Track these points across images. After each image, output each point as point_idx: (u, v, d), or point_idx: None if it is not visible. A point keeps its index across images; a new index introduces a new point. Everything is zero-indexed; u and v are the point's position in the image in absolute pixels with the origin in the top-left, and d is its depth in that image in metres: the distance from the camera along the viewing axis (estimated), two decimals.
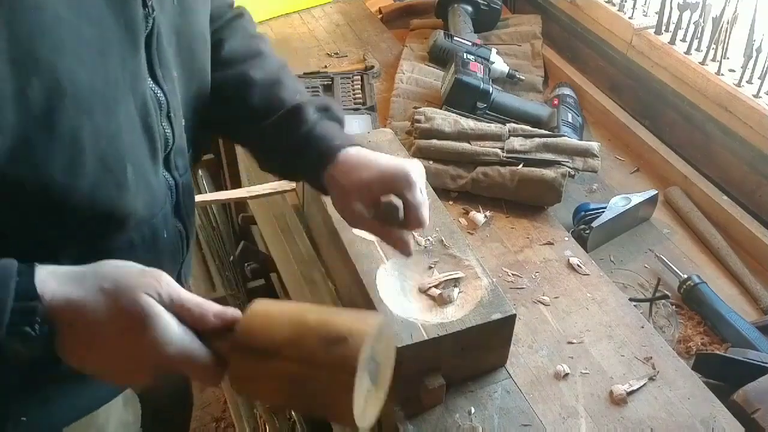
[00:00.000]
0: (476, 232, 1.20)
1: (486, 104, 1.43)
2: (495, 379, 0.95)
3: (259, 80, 0.93)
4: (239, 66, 0.94)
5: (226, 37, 0.96)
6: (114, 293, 0.61)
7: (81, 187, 0.67)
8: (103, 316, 0.61)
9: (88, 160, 0.67)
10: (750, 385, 0.93)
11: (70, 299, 0.60)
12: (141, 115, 0.73)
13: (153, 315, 0.61)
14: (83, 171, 0.67)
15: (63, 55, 0.62)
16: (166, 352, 0.62)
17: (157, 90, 0.77)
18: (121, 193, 0.72)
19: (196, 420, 2.10)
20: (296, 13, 1.90)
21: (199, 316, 0.64)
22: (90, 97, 0.65)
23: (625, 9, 1.52)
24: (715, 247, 1.23)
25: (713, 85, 1.30)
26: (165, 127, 0.80)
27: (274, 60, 0.98)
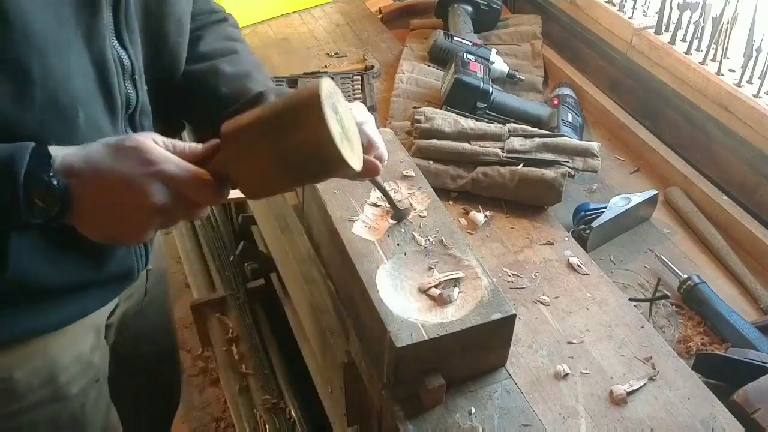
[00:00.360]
0: (476, 232, 1.20)
1: (486, 104, 1.43)
2: (495, 379, 0.95)
3: (230, 73, 0.97)
4: (212, 60, 0.99)
5: (204, 35, 1.01)
6: (118, 143, 0.70)
7: (30, 119, 0.73)
8: (108, 157, 0.69)
9: (37, 94, 0.72)
10: (750, 385, 0.93)
11: (80, 154, 0.69)
12: (98, 69, 0.79)
13: (150, 144, 0.70)
14: (32, 104, 0.72)
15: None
16: (165, 168, 0.69)
17: (122, 52, 0.82)
18: (72, 135, 0.77)
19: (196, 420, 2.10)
20: (296, 13, 1.90)
21: (190, 151, 0.73)
22: (40, 36, 0.70)
23: (625, 9, 1.52)
24: (715, 247, 1.23)
25: (713, 85, 1.30)
26: (128, 87, 0.85)
27: (248, 59, 1.02)
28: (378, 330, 0.90)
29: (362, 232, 1.02)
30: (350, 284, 1.01)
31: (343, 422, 1.23)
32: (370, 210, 1.06)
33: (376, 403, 1.01)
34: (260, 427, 1.76)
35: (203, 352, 2.25)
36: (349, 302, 1.05)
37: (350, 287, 1.02)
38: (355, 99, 1.54)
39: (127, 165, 0.68)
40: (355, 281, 0.98)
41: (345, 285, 1.06)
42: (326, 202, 1.07)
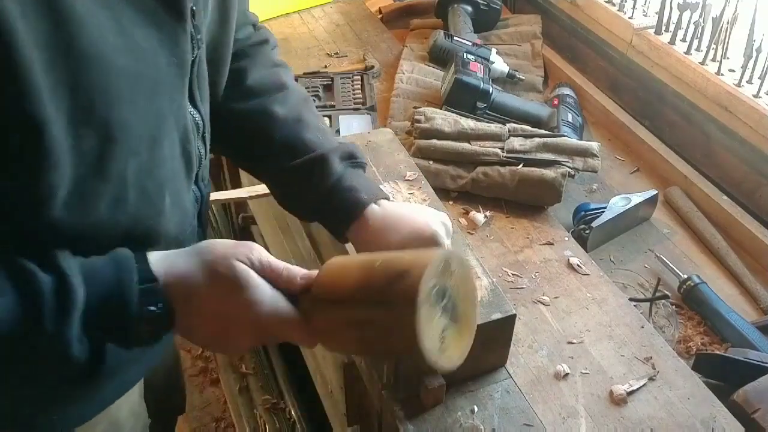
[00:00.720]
0: (476, 232, 1.20)
1: (486, 104, 1.43)
2: (495, 379, 0.95)
3: (282, 116, 0.92)
4: (262, 99, 0.93)
5: (249, 66, 0.95)
6: (212, 262, 0.68)
7: (122, 220, 0.70)
8: (205, 285, 0.67)
9: (131, 195, 0.69)
10: (750, 385, 0.93)
11: (178, 275, 0.67)
12: (182, 142, 0.75)
13: (246, 278, 0.67)
14: (126, 206, 0.69)
15: (119, 105, 0.62)
16: (259, 311, 0.67)
17: (195, 113, 0.77)
18: (158, 219, 0.75)
19: (196, 420, 2.10)
20: (296, 13, 1.90)
21: (287, 279, 0.70)
22: (138, 139, 0.67)
23: (625, 9, 1.52)
24: (715, 247, 1.23)
25: (713, 85, 1.30)
26: (200, 147, 0.81)
27: (297, 93, 0.97)
28: None
29: None
30: None
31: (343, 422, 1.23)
32: None
33: (376, 403, 1.01)
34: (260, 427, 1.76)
35: (203, 352, 2.25)
36: None
37: None
38: (355, 99, 1.54)
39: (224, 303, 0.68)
40: None
41: None
42: None
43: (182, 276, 0.67)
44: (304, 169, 0.89)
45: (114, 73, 0.60)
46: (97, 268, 0.64)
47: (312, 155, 0.89)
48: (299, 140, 0.91)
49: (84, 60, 0.58)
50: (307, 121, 0.93)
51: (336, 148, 0.91)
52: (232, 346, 0.73)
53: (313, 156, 0.89)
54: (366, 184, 0.90)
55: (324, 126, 0.96)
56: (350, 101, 1.53)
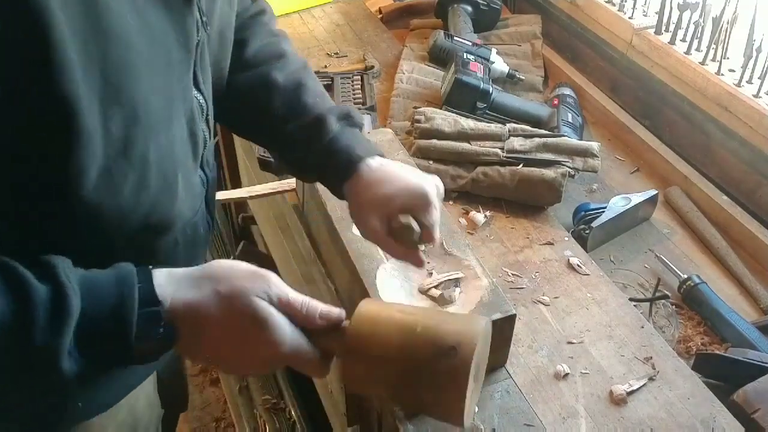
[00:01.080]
0: (476, 232, 1.20)
1: (486, 104, 1.43)
2: (495, 379, 0.95)
3: (282, 83, 0.93)
4: (262, 68, 0.95)
5: (248, 37, 0.96)
6: (229, 296, 0.65)
7: (144, 202, 0.70)
8: (219, 318, 0.65)
9: (152, 176, 0.69)
10: (750, 385, 0.93)
11: (188, 302, 0.64)
12: (188, 124, 0.75)
13: (267, 317, 0.65)
14: (148, 189, 0.69)
15: (139, 83, 0.63)
16: (280, 351, 0.66)
17: (199, 95, 0.78)
18: (173, 201, 0.75)
19: (196, 420, 2.10)
20: (296, 13, 1.90)
21: (305, 316, 0.68)
22: (157, 119, 0.67)
23: (625, 9, 1.52)
24: (715, 247, 1.23)
25: (713, 85, 1.30)
26: (204, 129, 0.81)
27: (296, 60, 0.99)
28: None
29: None
30: (350, 284, 1.01)
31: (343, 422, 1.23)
32: None
33: (376, 403, 1.01)
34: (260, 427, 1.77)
35: None
36: (349, 302, 1.05)
37: (350, 287, 1.02)
38: (355, 99, 1.54)
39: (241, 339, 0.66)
40: (355, 281, 0.98)
41: (345, 285, 1.06)
42: (326, 202, 1.07)
43: (192, 304, 0.65)
44: (303, 130, 0.91)
45: (135, 51, 0.62)
46: (97, 282, 0.63)
47: (310, 117, 0.91)
48: (298, 104, 0.93)
49: (110, 39, 0.59)
50: (307, 85, 0.95)
51: (333, 108, 0.93)
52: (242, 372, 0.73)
53: (311, 117, 0.91)
54: (362, 141, 0.92)
55: (322, 90, 0.97)
56: (350, 101, 1.53)
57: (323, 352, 0.69)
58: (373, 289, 0.93)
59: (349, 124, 0.93)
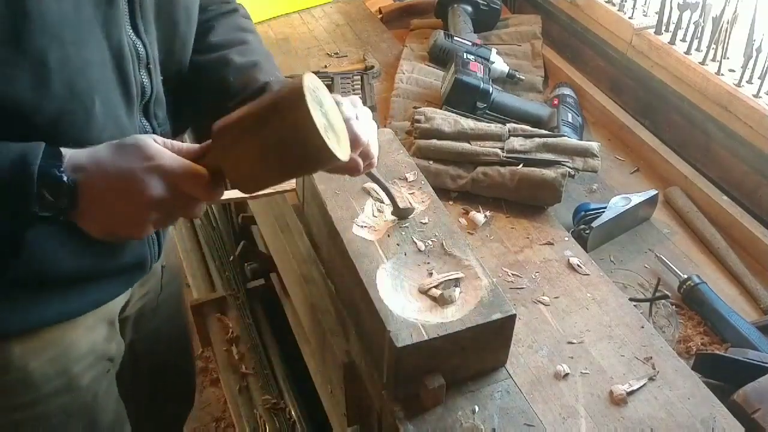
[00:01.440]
0: (476, 232, 1.20)
1: (486, 104, 1.43)
2: (495, 379, 0.95)
3: (239, 63, 0.97)
4: (222, 51, 0.99)
5: (214, 26, 1.01)
6: (121, 143, 0.74)
7: (47, 108, 0.74)
8: (111, 154, 0.72)
9: (55, 83, 0.73)
10: (750, 385, 0.93)
11: (87, 153, 0.72)
12: (115, 58, 0.80)
13: (150, 142, 0.73)
14: (49, 93, 0.73)
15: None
16: (163, 163, 0.72)
17: (137, 41, 0.83)
18: (89, 125, 0.79)
19: (196, 420, 2.10)
20: (296, 13, 1.90)
21: (187, 148, 0.76)
22: (58, 25, 0.71)
23: (625, 9, 1.52)
24: (715, 247, 1.23)
25: (713, 85, 1.30)
26: (143, 76, 0.86)
27: (258, 49, 1.02)
28: (378, 330, 0.90)
29: (362, 232, 1.02)
30: (350, 284, 1.01)
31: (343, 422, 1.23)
32: (371, 210, 1.06)
33: (376, 403, 1.01)
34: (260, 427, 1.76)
35: (203, 352, 2.25)
36: (349, 302, 1.05)
37: (350, 287, 1.02)
38: None
39: (127, 160, 0.72)
40: (355, 281, 0.98)
41: (345, 285, 1.06)
42: (326, 202, 1.07)
43: (89, 152, 0.73)
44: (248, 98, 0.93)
45: None
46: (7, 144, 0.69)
47: (256, 87, 0.95)
48: (252, 79, 0.97)
49: None
50: (263, 66, 0.99)
51: (282, 79, 0.98)
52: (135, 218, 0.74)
53: (258, 86, 0.95)
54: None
55: (280, 74, 1.01)
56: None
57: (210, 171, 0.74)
58: (373, 289, 0.93)
59: None
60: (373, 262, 0.97)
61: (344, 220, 1.04)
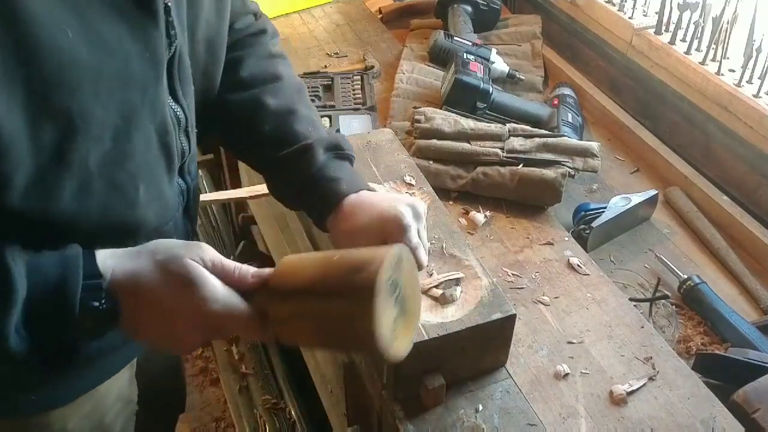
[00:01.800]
0: (476, 232, 1.20)
1: (486, 104, 1.43)
2: (495, 379, 0.95)
3: (274, 108, 0.92)
4: (255, 90, 0.94)
5: (245, 57, 0.95)
6: (164, 261, 0.68)
7: (90, 209, 0.70)
8: (156, 282, 0.67)
9: (97, 184, 0.69)
10: (750, 385, 0.93)
11: (128, 271, 0.68)
12: (159, 135, 0.75)
13: (199, 276, 0.67)
14: (92, 195, 0.70)
15: (79, 95, 0.63)
16: (213, 309, 0.67)
17: (177, 108, 0.78)
18: (132, 210, 0.75)
19: (196, 420, 2.10)
20: (296, 13, 1.90)
21: (239, 277, 0.70)
22: (101, 128, 0.67)
23: (625, 9, 1.52)
24: (715, 247, 1.23)
25: (713, 85, 1.30)
26: (183, 141, 0.81)
27: (291, 84, 0.97)
28: None
29: None
30: None
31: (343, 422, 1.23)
32: None
33: (376, 403, 1.01)
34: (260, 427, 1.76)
35: (203, 352, 2.25)
36: None
37: None
38: (355, 99, 1.54)
39: (173, 295, 0.68)
40: None
41: None
42: None
43: (131, 273, 0.68)
44: (290, 159, 0.91)
45: (73, 65, 0.61)
46: (43, 265, 0.65)
47: (298, 146, 0.90)
48: (288, 131, 0.92)
49: (38, 53, 0.58)
50: (298, 112, 0.94)
51: (322, 138, 0.92)
52: (182, 343, 0.72)
53: (299, 146, 0.90)
54: (349, 175, 0.91)
55: (315, 117, 0.96)
56: (350, 101, 1.53)
57: (258, 311, 0.69)
58: None
59: (338, 156, 0.92)
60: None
61: None
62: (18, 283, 0.62)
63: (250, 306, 0.70)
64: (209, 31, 0.83)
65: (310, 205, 0.92)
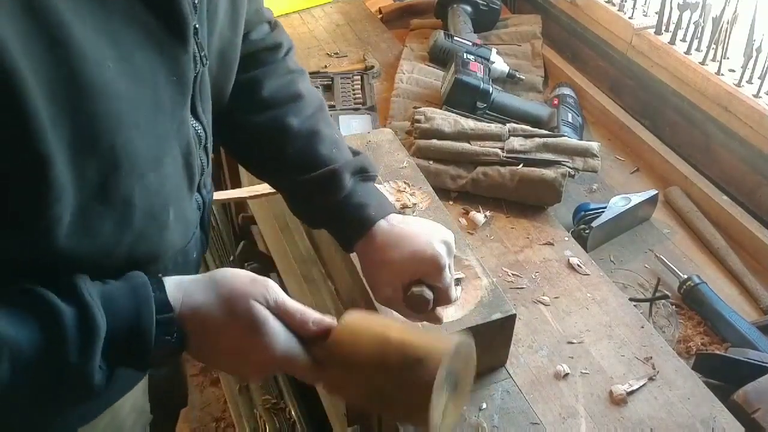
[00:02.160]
0: (476, 232, 1.20)
1: (486, 104, 1.43)
2: (495, 379, 0.95)
3: (296, 129, 0.91)
4: (277, 111, 0.92)
5: (264, 77, 0.93)
6: (229, 300, 0.68)
7: (126, 239, 0.70)
8: (221, 321, 0.68)
9: (137, 217, 0.69)
10: (750, 385, 0.93)
11: (194, 307, 0.68)
12: (184, 156, 0.74)
13: (263, 321, 0.68)
14: (131, 226, 0.69)
15: (122, 131, 0.62)
16: (274, 354, 0.69)
17: (197, 126, 0.77)
18: (162, 234, 0.75)
19: (197, 420, 2.10)
20: (296, 13, 1.90)
21: (300, 323, 0.71)
22: (143, 162, 0.66)
23: (625, 9, 1.52)
24: (715, 247, 1.23)
25: (713, 85, 1.30)
26: (202, 157, 0.80)
27: (312, 102, 0.95)
28: None
29: None
30: (350, 284, 1.01)
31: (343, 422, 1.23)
32: None
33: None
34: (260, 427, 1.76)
35: None
36: (349, 302, 1.05)
37: (350, 287, 1.02)
38: (355, 99, 1.54)
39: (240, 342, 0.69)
40: (355, 281, 0.97)
41: (345, 285, 1.06)
42: None
43: (198, 308, 0.68)
44: (316, 183, 0.89)
45: (115, 98, 0.60)
46: (115, 296, 0.65)
47: (323, 170, 0.89)
48: (312, 154, 0.90)
49: (85, 90, 0.57)
50: (322, 133, 0.92)
51: (348, 162, 0.90)
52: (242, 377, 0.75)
53: (325, 171, 0.89)
54: (376, 199, 0.90)
55: (339, 137, 0.95)
56: (350, 101, 1.53)
57: (315, 361, 0.71)
58: None
59: (363, 179, 0.91)
60: None
61: None
62: (99, 322, 0.62)
63: (308, 355, 0.71)
64: (223, 43, 0.81)
65: (337, 230, 0.91)
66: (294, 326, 0.71)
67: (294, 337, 0.71)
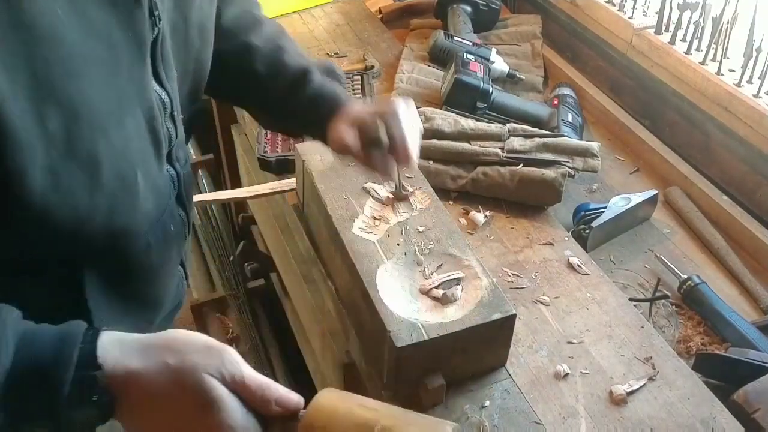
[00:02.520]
0: (476, 232, 1.20)
1: (486, 104, 1.43)
2: (495, 379, 0.95)
3: (261, 47, 0.98)
4: (240, 37, 0.99)
5: (223, 6, 0.99)
6: (178, 371, 0.60)
7: (100, 203, 0.68)
8: (164, 393, 0.60)
9: (105, 176, 0.67)
10: (750, 385, 0.93)
11: (131, 370, 0.60)
12: (147, 120, 0.73)
13: (217, 399, 0.60)
14: (101, 188, 0.67)
15: (77, 80, 0.62)
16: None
17: (161, 92, 0.77)
18: (135, 201, 0.73)
19: None
20: (296, 13, 1.90)
21: (261, 401, 0.63)
22: (103, 115, 0.65)
23: (625, 9, 1.52)
24: (715, 247, 1.23)
25: (713, 85, 1.30)
26: (169, 126, 0.80)
27: (272, 25, 1.03)
28: (378, 330, 0.90)
29: (362, 232, 1.02)
30: (350, 284, 1.01)
31: None
32: (371, 210, 1.06)
33: None
34: None
35: None
36: (349, 302, 1.05)
37: (350, 287, 1.02)
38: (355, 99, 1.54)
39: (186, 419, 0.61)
40: (355, 281, 0.98)
41: (345, 285, 1.06)
42: (326, 202, 1.07)
43: (138, 373, 0.60)
44: (287, 84, 0.96)
45: (66, 45, 0.61)
46: (37, 339, 0.59)
47: (294, 71, 0.97)
48: (281, 64, 0.98)
49: (36, 34, 0.58)
50: (286, 47, 1.00)
51: (316, 62, 1.00)
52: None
53: (295, 71, 0.97)
54: (344, 93, 0.99)
55: (301, 51, 1.03)
56: None
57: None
58: (373, 289, 0.93)
59: (332, 78, 0.99)
60: (373, 262, 0.97)
61: (344, 220, 1.04)
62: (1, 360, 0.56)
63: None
64: (202, 16, 0.85)
65: (314, 119, 0.97)
66: (254, 404, 0.63)
67: (252, 417, 0.63)
